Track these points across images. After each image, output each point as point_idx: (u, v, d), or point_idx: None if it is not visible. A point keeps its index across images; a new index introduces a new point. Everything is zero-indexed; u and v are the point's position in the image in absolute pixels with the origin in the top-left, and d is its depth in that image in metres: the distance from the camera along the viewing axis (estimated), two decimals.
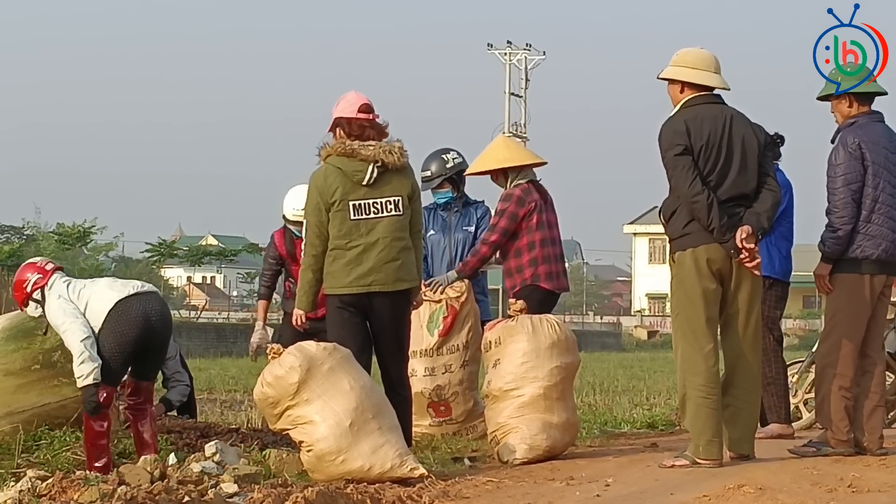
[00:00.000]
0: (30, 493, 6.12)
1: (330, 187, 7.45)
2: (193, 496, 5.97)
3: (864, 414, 7.66)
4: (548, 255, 8.78)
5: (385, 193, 7.47)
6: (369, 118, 7.52)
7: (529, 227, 8.73)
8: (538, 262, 8.75)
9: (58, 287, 7.59)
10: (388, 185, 7.47)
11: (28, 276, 7.63)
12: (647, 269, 78.84)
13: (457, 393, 9.24)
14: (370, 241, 7.44)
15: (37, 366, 8.11)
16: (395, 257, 7.47)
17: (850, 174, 7.58)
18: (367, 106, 7.53)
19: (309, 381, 6.80)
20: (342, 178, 7.44)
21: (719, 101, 7.32)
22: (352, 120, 7.50)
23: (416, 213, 7.64)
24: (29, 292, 7.62)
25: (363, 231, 7.45)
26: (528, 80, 58.32)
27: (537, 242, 8.75)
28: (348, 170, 7.44)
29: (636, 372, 24.34)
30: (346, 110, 7.53)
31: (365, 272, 7.43)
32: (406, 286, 7.54)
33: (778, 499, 5.93)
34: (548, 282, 8.77)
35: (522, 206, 8.73)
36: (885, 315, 7.96)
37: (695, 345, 7.16)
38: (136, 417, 7.62)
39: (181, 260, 75.63)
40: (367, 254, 7.44)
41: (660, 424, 10.91)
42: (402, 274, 7.50)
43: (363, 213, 7.45)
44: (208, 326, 39.71)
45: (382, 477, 6.67)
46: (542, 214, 8.79)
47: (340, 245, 7.46)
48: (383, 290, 7.45)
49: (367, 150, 7.42)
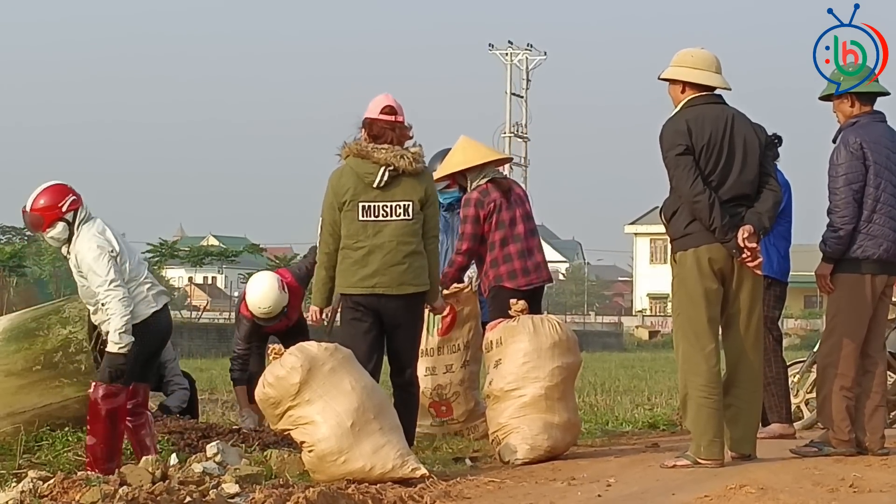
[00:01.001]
0: (31, 493, 6.12)
1: (343, 187, 7.53)
2: (195, 497, 5.97)
3: (865, 414, 7.65)
4: (508, 254, 8.73)
5: (395, 197, 7.52)
6: (391, 120, 7.58)
7: (490, 229, 8.73)
8: (498, 263, 8.72)
9: (100, 223, 7.31)
10: (400, 189, 7.53)
11: (65, 195, 7.28)
12: (649, 270, 78.85)
13: (458, 393, 9.24)
14: (376, 244, 7.49)
15: (38, 366, 8.13)
16: (401, 261, 7.51)
17: (852, 174, 7.58)
18: (391, 108, 7.60)
19: (310, 382, 6.80)
20: (355, 179, 7.51)
21: (720, 102, 7.32)
22: (374, 121, 7.59)
23: (430, 219, 7.67)
24: (64, 211, 7.28)
25: (370, 233, 7.50)
26: (529, 80, 58.31)
27: (497, 243, 8.72)
28: (361, 171, 7.51)
29: (637, 372, 24.32)
30: (371, 111, 7.62)
31: (370, 274, 7.49)
32: (412, 290, 7.56)
33: (779, 499, 5.93)
34: (511, 280, 8.68)
35: (482, 208, 8.72)
36: (886, 315, 7.96)
37: (696, 345, 7.15)
38: (135, 422, 7.55)
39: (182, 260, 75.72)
40: (373, 256, 7.49)
41: (661, 424, 10.91)
42: (407, 278, 7.53)
43: (371, 215, 7.51)
44: (210, 327, 39.69)
45: (384, 477, 6.67)
46: (500, 214, 8.73)
47: (349, 245, 7.54)
48: (387, 293, 7.50)
49: (379, 153, 7.49)
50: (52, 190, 7.34)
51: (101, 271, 7.16)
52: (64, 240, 7.31)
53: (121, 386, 7.27)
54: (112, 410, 7.28)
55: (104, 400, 7.27)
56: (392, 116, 7.58)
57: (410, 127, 7.66)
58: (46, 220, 7.29)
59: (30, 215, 7.36)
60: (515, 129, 57.16)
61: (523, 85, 58.19)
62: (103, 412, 7.27)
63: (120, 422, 7.34)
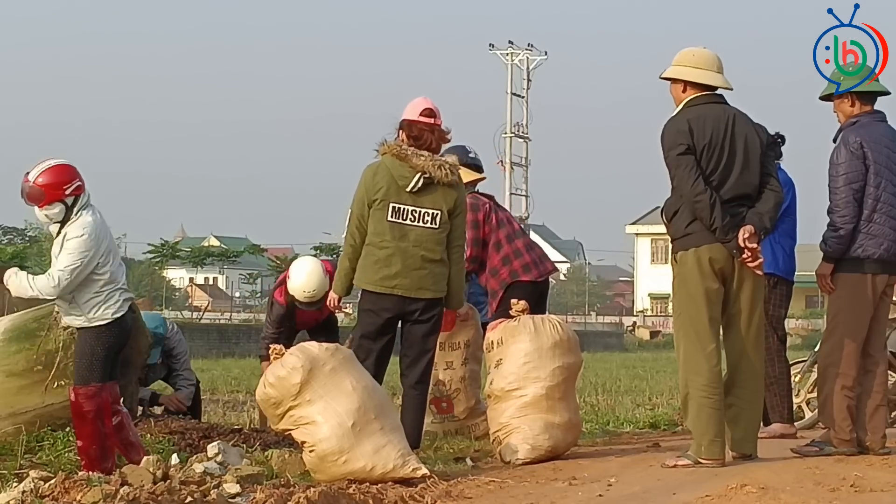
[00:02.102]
0: (32, 493, 6.12)
1: (377, 185, 7.63)
2: (196, 497, 5.96)
3: (866, 413, 7.65)
4: (517, 248, 8.88)
5: (425, 204, 7.63)
6: (430, 122, 7.68)
7: (492, 228, 8.83)
8: (511, 259, 8.84)
9: (98, 216, 7.34)
10: (431, 197, 7.64)
11: (72, 179, 7.24)
12: (650, 270, 78.85)
13: (459, 390, 9.26)
14: (400, 246, 7.62)
15: (39, 367, 8.13)
16: (422, 266, 7.64)
17: (852, 173, 7.57)
18: (430, 111, 7.72)
19: (311, 382, 6.80)
20: (389, 179, 7.61)
21: (722, 101, 7.31)
22: (413, 123, 7.70)
23: (456, 228, 7.79)
24: (66, 194, 7.25)
25: (396, 234, 7.62)
26: (529, 80, 58.25)
27: (503, 240, 8.85)
28: (396, 173, 7.61)
29: (638, 372, 24.34)
30: (410, 113, 7.73)
31: (391, 275, 7.62)
32: (430, 295, 7.69)
33: (780, 498, 5.92)
34: (526, 273, 8.84)
35: (479, 211, 8.86)
36: (887, 314, 7.95)
37: (697, 345, 7.15)
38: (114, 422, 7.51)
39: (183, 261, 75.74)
40: (395, 257, 7.62)
41: (662, 424, 10.91)
42: (426, 283, 7.67)
43: (400, 217, 7.63)
44: (211, 327, 39.73)
45: (385, 477, 6.67)
46: (497, 214, 8.94)
47: (374, 242, 7.66)
48: (406, 296, 7.63)
49: (418, 160, 7.60)
50: (60, 169, 7.30)
51: (70, 261, 7.19)
52: (57, 221, 7.29)
53: (97, 385, 7.31)
54: (95, 410, 7.33)
55: (85, 401, 7.32)
56: (431, 119, 7.70)
57: (449, 130, 7.80)
58: (47, 197, 7.25)
59: (31, 187, 7.28)
60: (516, 129, 57.10)
61: (524, 85, 58.13)
62: (86, 412, 7.32)
63: (106, 419, 7.37)
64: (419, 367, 7.78)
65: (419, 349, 7.77)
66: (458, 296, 7.91)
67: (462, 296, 8.08)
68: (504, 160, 55.76)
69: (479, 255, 8.83)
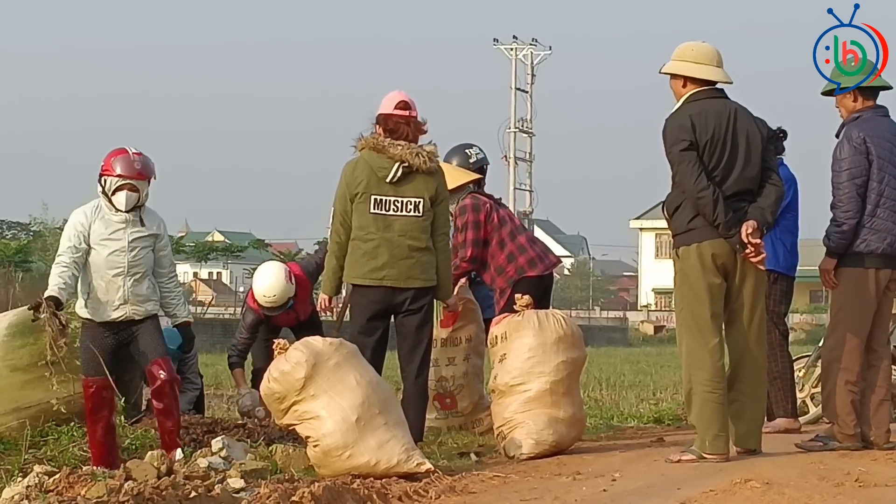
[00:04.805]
0: (37, 488, 6.12)
1: (357, 178, 7.70)
2: (200, 491, 5.97)
3: (870, 408, 7.65)
4: (521, 244, 8.88)
5: (407, 193, 7.69)
6: (405, 115, 7.74)
7: (493, 228, 8.83)
8: (516, 255, 8.84)
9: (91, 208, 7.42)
10: (412, 185, 7.70)
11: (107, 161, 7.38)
12: (654, 265, 78.77)
13: (462, 385, 9.26)
14: (385, 237, 7.68)
15: (43, 362, 8.12)
16: (409, 255, 7.70)
17: (855, 168, 7.57)
18: (405, 103, 7.78)
19: (315, 377, 6.81)
20: (369, 172, 7.68)
21: (722, 96, 7.31)
22: (388, 116, 7.75)
23: (440, 216, 7.84)
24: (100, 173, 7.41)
25: (380, 226, 7.68)
26: (534, 75, 58.22)
27: (506, 238, 8.85)
28: (375, 165, 7.67)
29: (642, 367, 24.32)
30: (385, 107, 7.78)
31: (378, 266, 7.68)
32: (419, 284, 7.75)
33: (785, 493, 5.92)
34: (532, 268, 8.84)
35: (480, 211, 8.84)
36: (890, 309, 7.95)
37: (700, 340, 7.15)
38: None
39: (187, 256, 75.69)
40: (381, 248, 7.68)
41: (666, 419, 10.90)
42: (414, 272, 7.72)
43: (382, 209, 7.69)
44: (215, 322, 39.74)
45: (389, 472, 6.67)
46: (498, 212, 8.92)
47: (359, 236, 7.72)
48: (395, 286, 7.67)
49: (395, 149, 7.66)
50: (111, 152, 7.43)
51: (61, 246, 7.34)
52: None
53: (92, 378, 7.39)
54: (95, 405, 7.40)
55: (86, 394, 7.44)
56: (406, 111, 7.76)
57: (425, 122, 7.85)
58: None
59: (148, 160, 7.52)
60: (520, 124, 57.13)
61: (528, 80, 58.11)
62: (88, 406, 7.44)
63: (108, 413, 7.43)
64: (416, 361, 7.85)
65: (414, 341, 7.83)
66: (446, 286, 7.97)
67: (451, 286, 8.14)
68: (508, 155, 55.78)
69: (480, 255, 8.84)
